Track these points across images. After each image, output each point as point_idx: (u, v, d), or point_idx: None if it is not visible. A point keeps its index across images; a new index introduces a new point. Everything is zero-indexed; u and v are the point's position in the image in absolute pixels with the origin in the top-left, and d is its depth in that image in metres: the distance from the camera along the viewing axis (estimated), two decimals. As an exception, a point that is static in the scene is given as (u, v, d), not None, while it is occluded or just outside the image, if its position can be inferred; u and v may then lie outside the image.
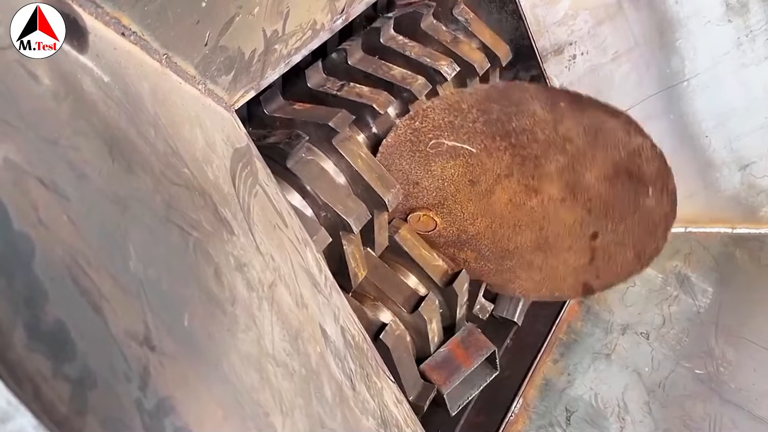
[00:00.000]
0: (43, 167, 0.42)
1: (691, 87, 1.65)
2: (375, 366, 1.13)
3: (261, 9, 0.93)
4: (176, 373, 0.47)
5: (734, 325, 1.60)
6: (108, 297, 0.42)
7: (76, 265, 0.40)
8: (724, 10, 1.57)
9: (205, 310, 0.58)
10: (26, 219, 0.38)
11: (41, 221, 0.39)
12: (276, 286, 0.83)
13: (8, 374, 0.31)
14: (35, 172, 0.41)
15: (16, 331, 0.33)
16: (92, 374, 0.37)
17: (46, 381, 0.34)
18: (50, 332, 0.36)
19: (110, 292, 0.43)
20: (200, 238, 0.65)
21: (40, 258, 0.37)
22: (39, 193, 0.40)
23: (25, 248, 0.37)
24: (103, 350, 0.40)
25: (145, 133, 0.65)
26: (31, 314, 0.35)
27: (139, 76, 0.71)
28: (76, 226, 0.42)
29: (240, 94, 1.02)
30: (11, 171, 0.39)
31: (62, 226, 0.41)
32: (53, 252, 0.39)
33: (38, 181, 0.41)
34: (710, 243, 1.77)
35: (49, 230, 0.39)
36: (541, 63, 1.61)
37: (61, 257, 0.40)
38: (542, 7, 1.57)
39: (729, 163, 1.72)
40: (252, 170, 0.97)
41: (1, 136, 0.40)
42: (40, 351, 0.34)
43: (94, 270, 0.42)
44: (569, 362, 1.56)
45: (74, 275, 0.40)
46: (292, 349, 0.77)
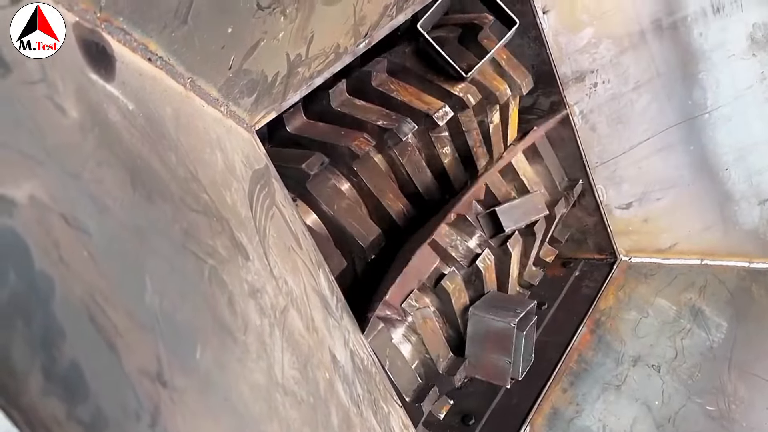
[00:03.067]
0: (67, 203, 0.43)
1: (712, 119, 1.63)
2: (383, 390, 1.13)
3: (285, 34, 0.94)
4: (186, 409, 0.47)
5: (748, 362, 1.58)
6: (123, 333, 0.43)
7: (93, 303, 0.41)
8: (749, 44, 1.56)
9: (217, 340, 0.59)
10: (48, 258, 0.39)
11: (62, 259, 0.40)
12: (288, 311, 0.83)
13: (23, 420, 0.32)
14: (59, 209, 0.42)
15: (32, 375, 0.34)
16: (104, 415, 0.38)
17: (59, 425, 0.34)
18: (65, 374, 0.36)
19: (126, 328, 0.43)
20: (215, 266, 0.66)
21: (60, 297, 0.38)
22: (61, 230, 0.41)
23: (45, 288, 0.38)
24: (116, 389, 0.40)
25: (166, 160, 0.66)
26: (47, 356, 0.35)
27: (162, 101, 0.72)
28: (95, 262, 0.43)
29: (261, 114, 1.03)
30: (36, 209, 0.39)
31: (82, 262, 0.42)
32: (72, 290, 0.40)
33: (61, 218, 0.42)
34: (726, 276, 1.75)
35: (69, 268, 0.40)
36: (561, 90, 1.61)
37: (80, 295, 0.40)
38: (565, 34, 1.57)
39: (748, 197, 1.70)
40: (269, 191, 0.98)
41: (28, 174, 0.40)
42: (54, 394, 0.35)
43: (111, 306, 0.43)
44: (578, 392, 1.55)
45: (92, 313, 0.40)
46: (301, 376, 0.77)
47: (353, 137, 1.29)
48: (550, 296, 1.76)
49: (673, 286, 1.73)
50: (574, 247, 1.86)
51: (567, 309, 1.72)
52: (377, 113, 1.35)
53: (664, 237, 1.78)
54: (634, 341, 1.62)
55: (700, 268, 1.76)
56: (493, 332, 1.32)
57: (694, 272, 1.75)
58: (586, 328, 1.66)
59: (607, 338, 1.65)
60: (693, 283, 1.73)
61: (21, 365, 0.33)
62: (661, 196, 1.73)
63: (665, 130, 1.66)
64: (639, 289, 1.75)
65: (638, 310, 1.70)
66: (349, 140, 1.28)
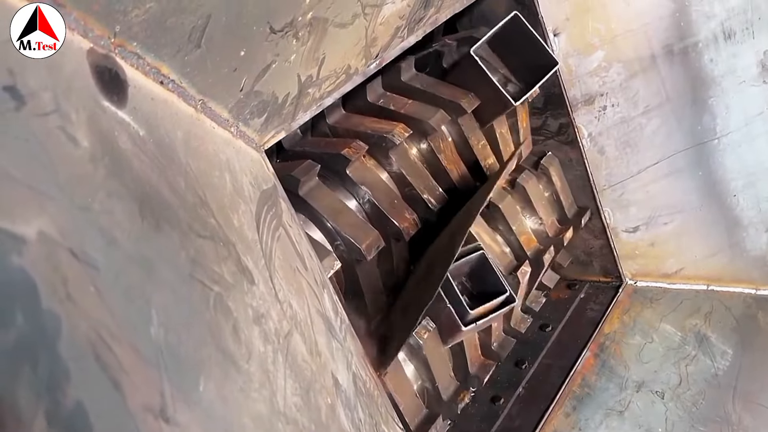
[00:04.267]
0: (76, 237, 0.43)
1: (721, 145, 1.63)
2: (384, 413, 1.12)
3: (297, 56, 0.94)
4: (188, 445, 0.47)
5: (753, 391, 1.56)
6: (128, 370, 0.43)
7: (99, 340, 0.41)
8: (759, 70, 1.56)
9: (220, 370, 0.58)
10: (55, 296, 0.39)
11: (69, 296, 0.40)
12: (292, 335, 0.83)
13: (26, 467, 0.32)
14: (68, 244, 0.42)
15: (36, 420, 0.34)
16: (107, 458, 0.37)
17: (62, 470, 0.34)
18: (69, 417, 0.36)
19: (130, 365, 0.43)
20: (221, 293, 0.66)
21: (66, 337, 0.38)
22: (69, 265, 0.41)
23: (51, 328, 0.38)
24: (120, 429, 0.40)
25: (175, 185, 0.66)
26: (52, 400, 0.35)
27: (173, 124, 0.73)
28: (102, 298, 0.43)
29: (271, 135, 1.04)
30: (45, 245, 0.39)
31: (89, 298, 0.42)
32: (79, 328, 0.40)
33: (70, 253, 0.42)
34: (732, 303, 1.73)
35: (76, 305, 0.40)
36: (570, 112, 1.61)
37: (86, 333, 0.40)
38: (576, 57, 1.57)
39: (756, 223, 1.69)
40: (276, 212, 0.98)
41: (38, 209, 0.40)
42: (58, 438, 0.35)
43: (116, 342, 0.43)
44: (581, 416, 1.54)
45: (97, 352, 0.40)
46: (303, 403, 0.76)
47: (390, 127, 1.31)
48: (555, 318, 1.75)
49: (678, 311, 1.72)
50: (580, 269, 1.85)
51: (571, 332, 1.70)
52: (413, 105, 1.38)
53: (671, 262, 1.77)
54: (638, 366, 1.61)
55: (706, 293, 1.75)
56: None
57: (700, 298, 1.74)
58: (590, 352, 1.65)
59: (611, 363, 1.64)
60: (699, 309, 1.72)
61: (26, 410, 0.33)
62: (668, 221, 1.72)
63: (674, 155, 1.65)
64: (644, 314, 1.74)
65: (643, 334, 1.69)
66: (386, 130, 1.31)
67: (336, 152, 1.28)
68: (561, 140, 1.66)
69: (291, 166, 1.25)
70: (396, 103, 1.40)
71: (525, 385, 1.59)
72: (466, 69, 1.39)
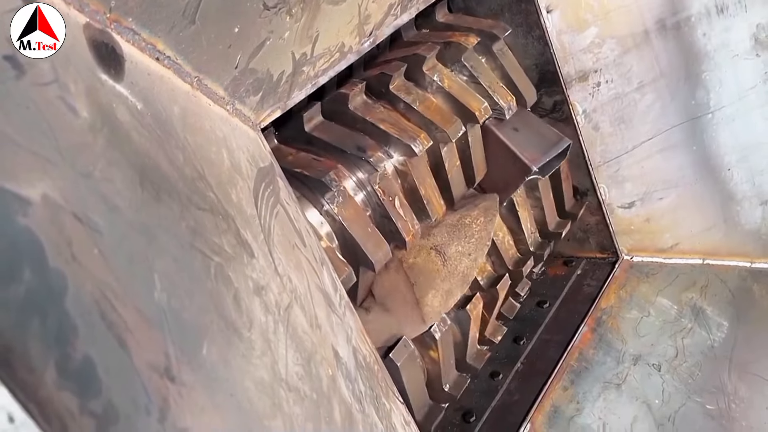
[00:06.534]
0: (79, 202, 0.44)
1: (715, 119, 1.64)
2: (384, 387, 1.14)
3: (291, 33, 0.95)
4: (193, 404, 0.49)
5: (748, 362, 1.59)
6: (133, 330, 0.44)
7: (104, 300, 0.42)
8: (752, 44, 1.57)
9: (223, 336, 0.60)
10: (61, 255, 0.40)
11: (74, 257, 0.41)
12: (292, 308, 0.84)
13: (39, 412, 0.33)
14: (71, 208, 0.43)
15: (47, 370, 0.35)
16: (115, 409, 0.39)
17: (73, 418, 0.35)
18: (79, 369, 0.37)
19: (135, 325, 0.44)
20: (221, 263, 0.67)
21: (72, 294, 0.39)
22: (74, 228, 0.42)
23: (58, 285, 0.39)
24: (127, 384, 0.41)
25: (173, 159, 0.67)
26: (62, 352, 0.36)
27: (170, 100, 0.74)
28: (106, 260, 0.44)
29: (267, 113, 1.04)
30: (49, 208, 0.41)
31: (94, 260, 0.43)
32: (84, 287, 0.41)
33: (74, 217, 0.43)
34: (728, 276, 1.75)
35: (81, 265, 0.41)
36: (565, 89, 1.61)
37: (91, 292, 0.41)
38: (569, 33, 1.57)
39: (750, 197, 1.70)
40: (274, 189, 0.99)
41: (41, 173, 0.41)
42: (68, 388, 0.36)
43: (121, 303, 0.44)
44: (579, 390, 1.56)
45: (102, 310, 0.41)
46: (305, 372, 0.78)
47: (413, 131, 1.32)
48: (552, 295, 1.77)
49: (674, 285, 1.74)
50: (576, 245, 1.87)
51: (568, 308, 1.72)
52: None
53: (666, 236, 1.79)
54: (635, 340, 1.63)
55: (702, 267, 1.77)
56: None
57: (696, 272, 1.75)
58: (587, 326, 1.67)
59: (608, 337, 1.66)
60: (694, 283, 1.74)
61: (38, 360, 0.35)
62: (663, 196, 1.73)
63: (668, 130, 1.66)
64: (640, 288, 1.76)
65: (639, 309, 1.71)
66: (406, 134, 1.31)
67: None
68: (555, 117, 1.66)
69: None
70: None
71: (523, 361, 1.61)
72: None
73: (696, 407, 1.53)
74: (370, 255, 1.20)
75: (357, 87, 1.32)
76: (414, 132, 1.33)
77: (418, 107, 1.36)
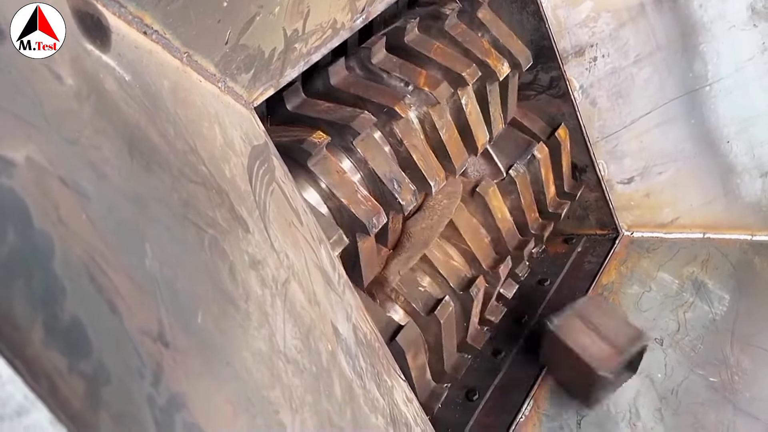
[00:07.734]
0: (65, 167, 0.44)
1: (713, 92, 1.63)
2: (386, 364, 1.14)
3: (281, 8, 0.93)
4: (188, 369, 0.48)
5: (750, 334, 1.58)
6: (124, 295, 0.43)
7: (93, 263, 0.42)
8: (749, 14, 1.55)
9: (218, 307, 0.59)
10: (47, 218, 0.39)
11: (61, 220, 0.40)
12: (289, 283, 0.84)
13: (26, 370, 0.32)
14: (57, 172, 0.42)
15: (34, 328, 0.34)
16: (106, 370, 0.38)
17: (62, 377, 0.35)
18: (67, 329, 0.37)
19: (126, 290, 0.44)
20: (216, 236, 0.66)
21: (59, 256, 0.39)
22: (60, 192, 0.42)
23: (44, 246, 0.38)
24: (118, 347, 0.41)
25: (164, 132, 0.66)
26: (48, 312, 0.36)
27: (159, 74, 0.73)
28: (94, 225, 0.44)
29: (259, 91, 1.03)
30: (33, 170, 0.40)
31: (81, 224, 0.42)
32: (72, 250, 0.40)
33: (60, 181, 0.42)
34: (729, 250, 1.75)
35: (68, 229, 0.41)
36: (561, 64, 1.60)
37: (80, 255, 0.41)
38: (564, 8, 1.56)
39: (750, 169, 1.69)
40: (269, 167, 0.99)
41: (25, 137, 0.41)
42: (56, 348, 0.35)
43: (111, 268, 0.43)
44: (581, 366, 1.56)
45: (92, 273, 0.41)
46: (304, 346, 0.78)
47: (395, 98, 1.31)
48: (552, 272, 1.76)
49: (675, 260, 1.74)
50: (576, 223, 1.86)
51: (569, 285, 1.72)
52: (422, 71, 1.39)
53: (666, 211, 1.78)
54: (637, 315, 1.63)
55: (703, 241, 1.76)
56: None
57: (697, 246, 1.75)
58: (588, 303, 1.67)
59: (610, 312, 1.65)
60: (695, 257, 1.73)
61: (23, 319, 0.34)
62: (662, 171, 1.73)
63: (666, 104, 1.65)
64: (641, 264, 1.75)
65: (641, 284, 1.70)
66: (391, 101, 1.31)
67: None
68: (552, 94, 1.65)
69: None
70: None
71: (526, 338, 1.61)
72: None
73: (699, 380, 1.53)
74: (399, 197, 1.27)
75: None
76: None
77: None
